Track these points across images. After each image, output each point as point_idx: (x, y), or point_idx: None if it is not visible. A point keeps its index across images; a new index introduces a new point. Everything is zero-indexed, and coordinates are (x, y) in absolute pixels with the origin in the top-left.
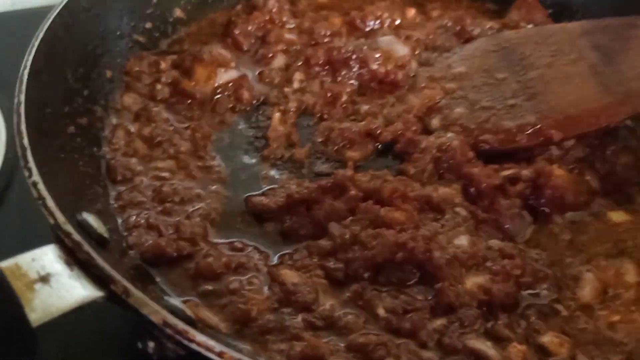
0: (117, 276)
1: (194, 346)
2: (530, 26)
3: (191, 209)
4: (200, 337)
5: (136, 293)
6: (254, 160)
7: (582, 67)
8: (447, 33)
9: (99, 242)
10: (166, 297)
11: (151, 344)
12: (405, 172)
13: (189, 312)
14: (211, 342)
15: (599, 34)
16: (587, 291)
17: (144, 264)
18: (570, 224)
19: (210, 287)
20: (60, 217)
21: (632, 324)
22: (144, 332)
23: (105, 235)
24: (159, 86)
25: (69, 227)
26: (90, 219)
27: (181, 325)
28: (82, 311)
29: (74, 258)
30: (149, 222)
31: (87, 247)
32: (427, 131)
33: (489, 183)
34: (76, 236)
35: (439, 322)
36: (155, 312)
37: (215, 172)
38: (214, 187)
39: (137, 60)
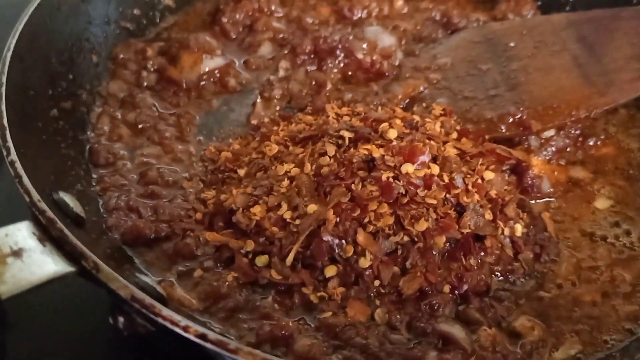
0: (87, 252)
1: (160, 320)
2: (517, 18)
3: (176, 192)
4: (166, 312)
5: (106, 269)
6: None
7: (565, 59)
8: (434, 24)
9: (75, 221)
10: (139, 275)
11: (121, 320)
12: None
13: (160, 290)
14: (177, 317)
15: (584, 26)
16: (564, 268)
17: (123, 245)
18: (552, 210)
19: (185, 269)
20: (35, 195)
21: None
22: (114, 308)
23: (82, 215)
24: (145, 73)
25: (43, 205)
26: (67, 198)
27: (148, 299)
28: (53, 287)
29: (47, 234)
30: (129, 204)
31: (60, 224)
32: None
33: None
34: (50, 213)
35: (410, 307)
36: (123, 287)
37: (201, 156)
38: (199, 170)
39: (124, 47)
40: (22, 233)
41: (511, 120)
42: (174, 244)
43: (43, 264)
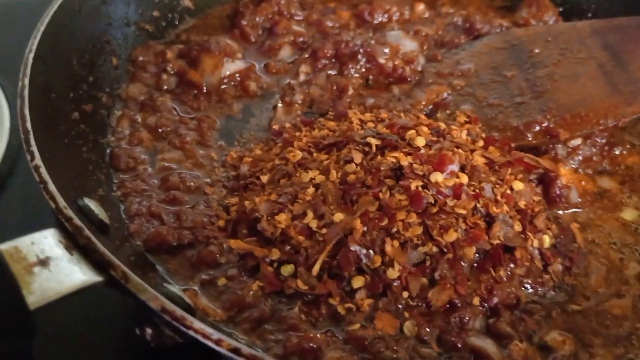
0: (116, 261)
1: (191, 333)
2: (540, 24)
3: (198, 198)
4: (198, 324)
5: (135, 279)
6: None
7: (591, 66)
8: (456, 29)
9: (99, 227)
10: (165, 284)
11: (149, 331)
12: None
13: (188, 300)
14: (209, 330)
15: (609, 34)
16: (593, 280)
17: (145, 251)
18: (580, 221)
19: (208, 277)
20: (61, 201)
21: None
22: (142, 319)
23: (107, 221)
24: (165, 76)
25: (69, 212)
26: (92, 204)
27: (179, 311)
28: (80, 296)
29: (74, 242)
30: (150, 210)
31: (87, 232)
32: None
33: None
34: (77, 221)
35: (439, 319)
36: (153, 298)
37: (223, 161)
38: (221, 176)
39: (143, 49)
40: (48, 241)
41: (538, 128)
42: (197, 252)
43: (71, 274)
